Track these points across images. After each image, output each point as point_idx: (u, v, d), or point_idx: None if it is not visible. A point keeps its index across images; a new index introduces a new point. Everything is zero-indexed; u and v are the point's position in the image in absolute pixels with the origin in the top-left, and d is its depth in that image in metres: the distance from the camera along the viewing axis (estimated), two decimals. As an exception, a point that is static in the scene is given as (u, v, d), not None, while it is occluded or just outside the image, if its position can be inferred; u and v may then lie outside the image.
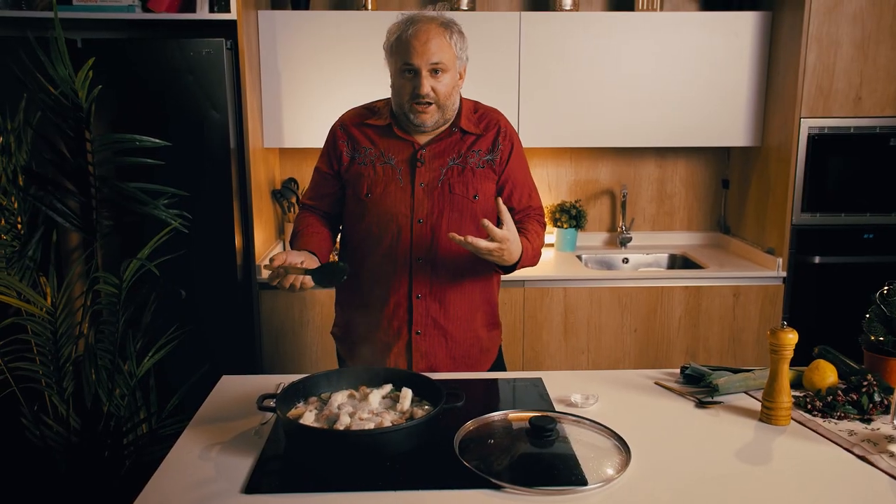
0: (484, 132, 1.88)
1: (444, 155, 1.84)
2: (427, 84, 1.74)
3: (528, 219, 1.93)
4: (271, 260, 1.65)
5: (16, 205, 2.12)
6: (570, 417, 1.51)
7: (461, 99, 1.88)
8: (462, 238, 1.63)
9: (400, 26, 1.77)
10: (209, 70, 2.68)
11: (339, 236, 2.02)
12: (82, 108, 2.06)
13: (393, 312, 1.87)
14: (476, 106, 1.93)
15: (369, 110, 1.93)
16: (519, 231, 1.82)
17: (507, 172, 1.89)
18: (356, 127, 1.91)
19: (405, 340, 1.88)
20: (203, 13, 2.74)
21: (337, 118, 1.97)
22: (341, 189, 1.93)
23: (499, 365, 2.03)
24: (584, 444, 1.40)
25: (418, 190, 1.82)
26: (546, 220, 2.00)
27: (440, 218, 1.82)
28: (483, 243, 1.65)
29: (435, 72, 1.75)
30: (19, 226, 2.13)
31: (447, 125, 1.85)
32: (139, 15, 2.73)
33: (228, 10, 2.73)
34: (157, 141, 2.14)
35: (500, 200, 1.71)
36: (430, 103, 1.77)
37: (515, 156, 1.90)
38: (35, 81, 2.08)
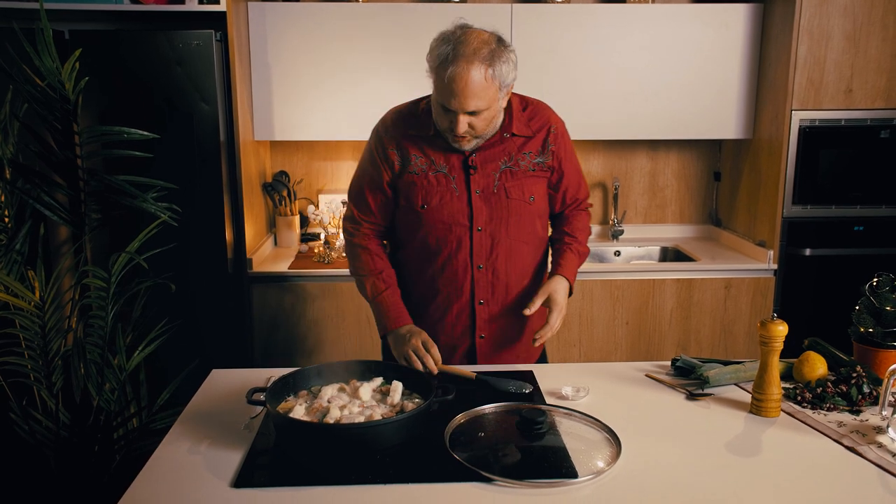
0: (534, 133, 1.82)
1: (496, 159, 1.79)
2: (463, 123, 1.67)
3: (575, 213, 1.95)
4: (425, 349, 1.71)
5: (2, 198, 2.10)
6: (561, 410, 1.51)
7: (510, 98, 1.80)
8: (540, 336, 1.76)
9: (443, 52, 1.64)
10: (199, 62, 2.66)
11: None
12: (70, 100, 2.04)
13: (456, 319, 1.86)
14: (523, 102, 1.85)
15: (413, 115, 1.84)
16: (563, 237, 1.92)
17: (561, 171, 1.87)
18: (403, 134, 1.82)
19: (467, 344, 1.88)
20: (192, 5, 2.72)
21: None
22: (394, 197, 1.86)
23: (543, 356, 2.04)
24: (574, 437, 1.40)
25: (475, 197, 1.79)
26: None
27: (500, 224, 1.80)
28: (553, 326, 1.77)
29: (473, 113, 1.67)
30: (6, 219, 2.11)
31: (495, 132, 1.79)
32: (127, 6, 2.71)
33: (218, 2, 2.70)
34: (146, 133, 2.13)
35: (527, 312, 1.76)
36: (466, 136, 1.72)
37: (566, 152, 1.87)
38: (21, 73, 2.06)
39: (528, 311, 1.75)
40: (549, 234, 1.98)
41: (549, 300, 1.78)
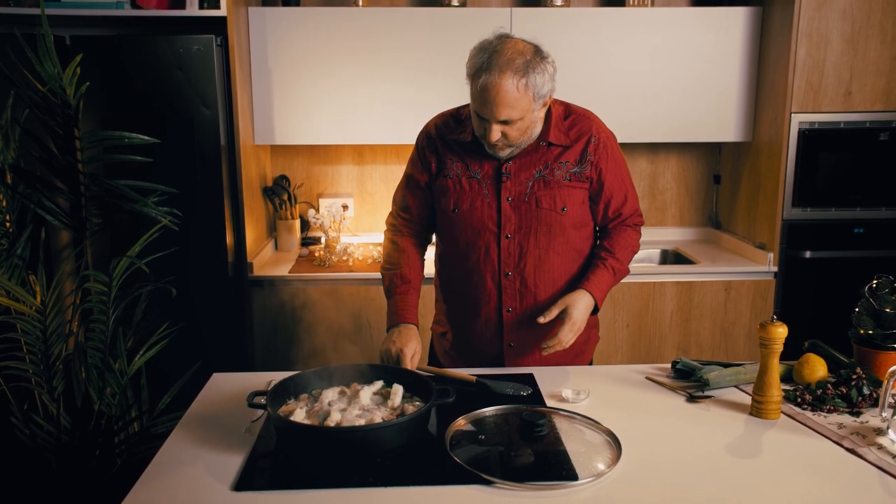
0: (573, 143, 1.80)
1: (530, 167, 1.78)
2: (496, 132, 1.67)
3: (619, 229, 1.89)
4: (398, 358, 1.70)
5: (4, 203, 2.10)
6: (562, 413, 1.51)
7: (551, 105, 1.80)
8: (549, 346, 1.71)
9: (479, 61, 1.64)
10: (199, 67, 2.67)
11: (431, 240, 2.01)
12: (71, 105, 2.04)
13: (484, 324, 1.87)
14: (567, 111, 1.84)
15: (456, 120, 1.86)
16: (600, 252, 1.85)
17: (601, 182, 1.83)
18: (442, 138, 1.85)
19: (497, 350, 1.88)
20: (193, 10, 2.73)
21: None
22: (432, 197, 1.89)
23: (589, 364, 2.02)
24: (575, 439, 1.40)
25: (505, 205, 1.79)
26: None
27: (528, 233, 1.79)
28: (561, 340, 1.70)
29: (506, 122, 1.67)
30: (8, 224, 2.11)
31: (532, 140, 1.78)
32: (128, 11, 2.72)
33: (218, 7, 2.71)
34: (146, 138, 2.13)
35: (542, 320, 1.72)
36: (499, 144, 1.72)
37: (609, 164, 1.83)
38: (23, 78, 2.06)
39: (541, 320, 1.72)
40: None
41: (565, 313, 1.73)
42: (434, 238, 1.99)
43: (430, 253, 2.00)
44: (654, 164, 3.54)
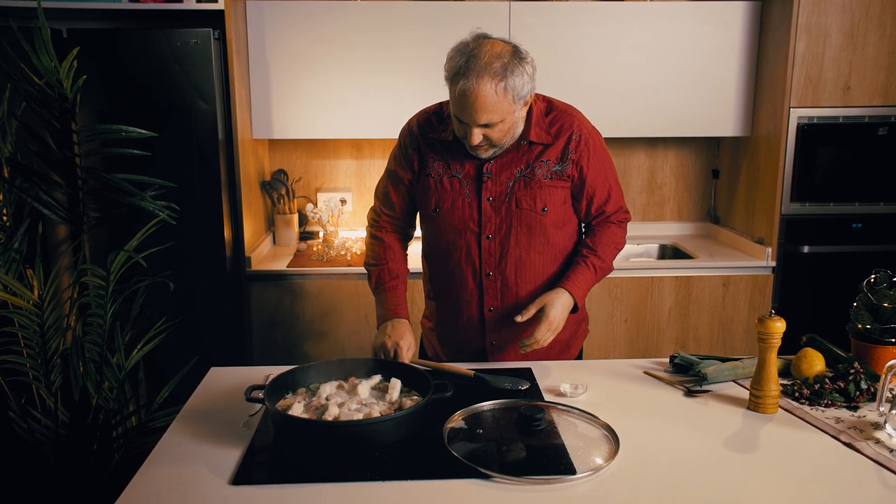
0: (554, 140, 1.77)
1: (511, 166, 1.76)
2: (477, 135, 1.65)
3: (602, 226, 1.87)
4: (395, 352, 1.68)
5: (1, 197, 2.10)
6: (560, 407, 1.51)
7: (532, 102, 1.76)
8: (528, 344, 1.70)
9: (456, 65, 1.62)
10: (197, 60, 2.66)
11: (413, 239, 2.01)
12: (67, 99, 2.04)
13: (466, 323, 1.87)
14: (549, 107, 1.81)
15: (438, 118, 1.83)
16: (581, 250, 1.83)
17: (582, 180, 1.80)
18: (424, 136, 1.83)
19: (479, 346, 1.88)
20: (190, 3, 2.72)
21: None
22: (415, 194, 1.88)
23: (579, 358, 2.01)
24: (572, 434, 1.40)
25: (485, 205, 1.77)
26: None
27: (509, 233, 1.78)
28: (538, 339, 1.69)
29: (486, 125, 1.65)
30: (5, 217, 2.11)
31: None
32: (126, 5, 2.71)
33: (216, 0, 2.70)
34: (144, 131, 2.13)
35: (519, 319, 1.71)
36: (482, 146, 1.70)
37: (591, 161, 1.79)
38: (19, 71, 2.06)
39: (518, 319, 1.72)
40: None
41: (542, 312, 1.72)
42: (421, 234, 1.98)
43: (418, 248, 1.99)
44: (652, 159, 3.54)
